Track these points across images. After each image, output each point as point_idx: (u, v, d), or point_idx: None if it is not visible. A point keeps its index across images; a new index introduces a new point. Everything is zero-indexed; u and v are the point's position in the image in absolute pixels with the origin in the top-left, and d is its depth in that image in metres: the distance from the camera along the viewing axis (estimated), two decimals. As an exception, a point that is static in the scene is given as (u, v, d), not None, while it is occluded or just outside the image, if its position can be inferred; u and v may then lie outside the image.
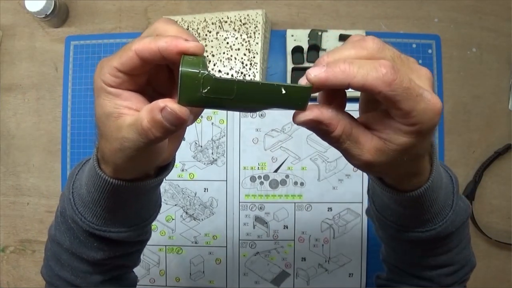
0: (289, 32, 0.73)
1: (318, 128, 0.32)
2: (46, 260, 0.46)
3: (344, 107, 0.33)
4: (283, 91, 0.30)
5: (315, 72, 0.29)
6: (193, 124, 0.74)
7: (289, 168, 0.74)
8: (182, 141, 0.78)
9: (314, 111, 0.31)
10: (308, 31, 0.73)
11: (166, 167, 0.40)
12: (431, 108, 0.30)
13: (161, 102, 0.30)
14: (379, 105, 0.34)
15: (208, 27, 0.70)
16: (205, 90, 0.29)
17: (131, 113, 0.33)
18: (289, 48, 0.73)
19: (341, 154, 0.34)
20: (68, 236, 0.42)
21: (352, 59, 0.29)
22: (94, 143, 0.38)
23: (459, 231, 0.44)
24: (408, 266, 0.49)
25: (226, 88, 0.29)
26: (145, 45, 0.31)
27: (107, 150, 0.34)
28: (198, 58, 0.30)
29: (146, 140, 0.32)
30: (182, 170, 0.75)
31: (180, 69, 0.29)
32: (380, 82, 0.28)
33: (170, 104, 0.30)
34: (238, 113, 0.74)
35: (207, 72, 0.29)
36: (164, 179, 0.42)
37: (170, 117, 0.30)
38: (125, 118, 0.32)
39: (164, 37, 0.31)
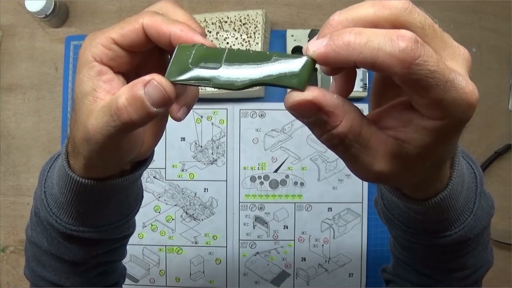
0: (289, 32, 0.73)
1: (317, 118, 0.24)
2: (27, 261, 0.42)
3: (351, 90, 0.27)
4: (276, 61, 0.24)
5: (314, 47, 0.23)
6: (193, 124, 0.74)
7: (289, 168, 0.74)
8: (182, 141, 0.78)
9: (314, 91, 0.23)
10: (308, 31, 0.73)
11: (143, 161, 0.35)
12: (464, 98, 0.23)
13: (148, 76, 0.26)
14: (400, 93, 0.27)
15: (208, 27, 0.70)
16: (193, 60, 0.26)
17: (108, 98, 0.28)
18: (289, 48, 0.73)
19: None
20: (45, 237, 0.38)
21: (361, 29, 0.22)
22: (66, 134, 0.34)
23: (478, 235, 0.38)
24: (416, 263, 0.43)
25: (214, 56, 0.26)
26: (156, 22, 0.27)
27: (77, 139, 0.30)
28: None
29: (119, 123, 0.26)
30: (182, 170, 0.75)
31: (177, 45, 0.27)
32: (395, 61, 0.21)
33: (157, 78, 0.26)
34: (238, 113, 0.74)
35: (200, 44, 0.26)
36: (164, 179, 0.39)
37: (155, 93, 0.25)
38: (100, 103, 0.27)
39: (178, 23, 0.27)
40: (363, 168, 0.26)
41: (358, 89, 0.71)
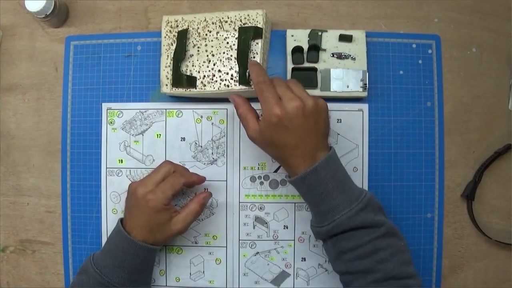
0: (289, 32, 0.73)
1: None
2: None
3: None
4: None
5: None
6: (193, 124, 0.74)
7: (289, 168, 0.74)
8: (182, 141, 0.78)
9: (236, 97, 0.63)
10: (308, 31, 0.73)
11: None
12: (267, 110, 0.56)
13: (202, 194, 0.68)
14: None
15: (208, 27, 0.70)
16: None
17: (176, 214, 0.65)
18: (289, 48, 0.73)
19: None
20: None
21: (260, 75, 0.60)
22: (127, 239, 0.62)
23: (357, 236, 0.55)
24: (337, 268, 0.60)
25: None
26: (186, 179, 0.66)
27: (160, 237, 0.64)
28: None
29: (197, 216, 0.67)
30: (182, 170, 0.74)
31: None
32: (255, 80, 0.59)
33: (206, 193, 0.69)
34: (238, 113, 0.75)
35: None
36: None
37: (207, 199, 0.69)
38: (177, 216, 0.65)
39: (190, 174, 0.69)
40: (246, 130, 0.61)
41: (358, 89, 0.71)
